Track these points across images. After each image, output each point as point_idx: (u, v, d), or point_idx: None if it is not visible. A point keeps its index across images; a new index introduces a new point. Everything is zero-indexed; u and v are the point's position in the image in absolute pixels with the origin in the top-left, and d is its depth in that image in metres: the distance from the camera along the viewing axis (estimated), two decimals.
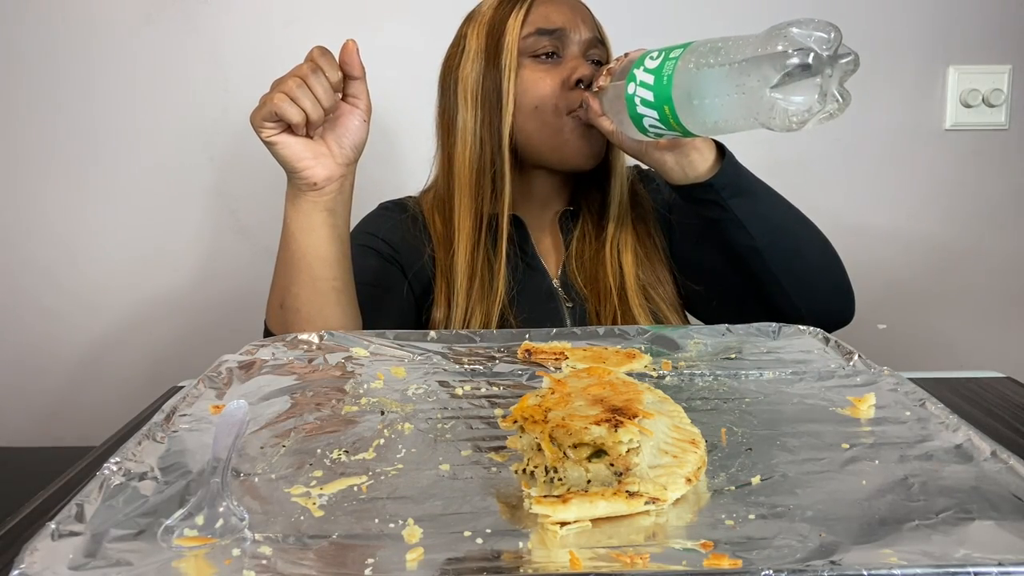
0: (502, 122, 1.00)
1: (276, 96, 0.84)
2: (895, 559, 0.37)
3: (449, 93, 1.05)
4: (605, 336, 0.79)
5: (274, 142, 0.87)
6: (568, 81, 0.99)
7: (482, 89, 1.01)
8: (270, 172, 1.58)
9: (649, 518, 0.43)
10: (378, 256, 1.03)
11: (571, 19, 1.01)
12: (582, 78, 0.98)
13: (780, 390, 0.64)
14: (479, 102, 1.02)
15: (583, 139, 1.00)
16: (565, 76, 0.99)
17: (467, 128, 1.02)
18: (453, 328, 0.97)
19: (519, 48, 1.00)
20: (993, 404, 0.76)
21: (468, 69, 1.02)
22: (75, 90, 1.50)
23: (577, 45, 1.01)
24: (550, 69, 1.00)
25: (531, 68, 1.00)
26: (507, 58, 1.00)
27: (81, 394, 1.58)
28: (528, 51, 1.00)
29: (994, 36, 1.54)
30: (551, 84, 0.99)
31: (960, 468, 0.48)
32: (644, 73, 0.83)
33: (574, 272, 1.06)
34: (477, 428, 0.57)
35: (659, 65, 0.82)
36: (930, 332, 1.63)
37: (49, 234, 1.54)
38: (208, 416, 0.58)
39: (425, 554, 0.39)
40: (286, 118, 0.84)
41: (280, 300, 0.91)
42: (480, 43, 1.02)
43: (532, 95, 1.00)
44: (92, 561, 0.38)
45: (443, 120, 1.06)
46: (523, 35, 1.00)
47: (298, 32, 1.51)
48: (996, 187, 1.59)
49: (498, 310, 0.98)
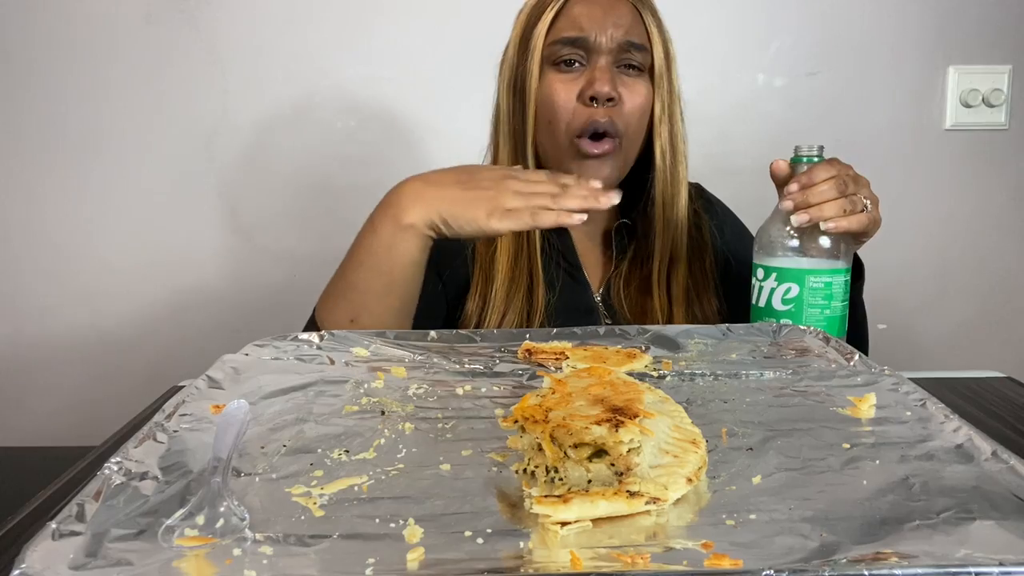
0: (526, 130, 0.98)
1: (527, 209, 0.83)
2: (896, 559, 0.37)
3: (498, 86, 1.03)
4: (605, 336, 0.79)
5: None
6: (583, 95, 0.95)
7: (512, 90, 0.99)
8: (270, 172, 1.59)
9: (650, 518, 0.43)
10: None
11: (601, 22, 0.95)
12: (596, 95, 0.94)
13: (781, 390, 0.64)
14: (510, 102, 1.00)
15: (585, 172, 0.95)
16: (582, 89, 0.95)
17: (502, 128, 1.01)
18: (485, 324, 0.97)
19: (542, 55, 0.96)
20: (993, 404, 0.76)
21: (506, 65, 1.01)
22: (75, 90, 1.50)
23: (605, 53, 0.95)
24: (569, 80, 0.96)
25: (551, 76, 0.97)
26: (531, 62, 0.97)
27: (81, 394, 1.58)
28: (551, 58, 0.97)
29: (994, 36, 1.54)
30: (567, 97, 0.96)
31: (961, 468, 0.48)
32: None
33: (619, 294, 1.02)
34: (478, 428, 0.57)
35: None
36: (930, 332, 1.63)
37: (49, 234, 1.54)
38: (209, 416, 0.58)
39: (426, 554, 0.39)
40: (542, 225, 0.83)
41: (352, 316, 0.88)
42: (516, 37, 0.99)
43: (548, 107, 0.97)
44: (93, 561, 0.38)
45: (495, 111, 1.04)
46: (548, 41, 0.96)
47: (298, 32, 1.51)
48: (996, 187, 1.59)
49: (538, 320, 0.97)
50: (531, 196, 0.83)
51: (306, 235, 1.56)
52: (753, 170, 0.97)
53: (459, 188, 0.84)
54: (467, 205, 0.83)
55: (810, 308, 0.85)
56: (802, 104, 1.55)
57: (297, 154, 1.54)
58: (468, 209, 0.83)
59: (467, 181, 0.85)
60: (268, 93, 1.52)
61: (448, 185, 0.85)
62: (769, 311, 0.87)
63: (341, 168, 1.55)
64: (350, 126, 1.54)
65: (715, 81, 1.56)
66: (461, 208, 0.83)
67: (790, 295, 0.85)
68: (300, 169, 1.55)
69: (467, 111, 1.46)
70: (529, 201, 0.82)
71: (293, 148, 1.54)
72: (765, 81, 1.56)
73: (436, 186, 0.85)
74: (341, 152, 1.55)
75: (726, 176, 1.28)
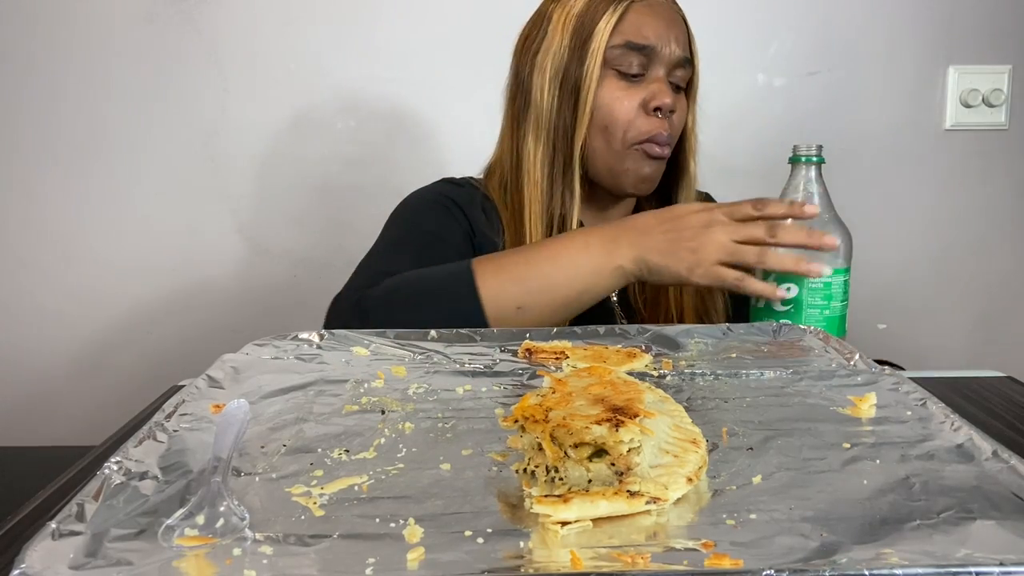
0: (576, 132, 0.97)
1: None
2: (896, 559, 0.37)
3: (523, 76, 1.00)
4: (606, 335, 0.79)
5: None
6: (647, 106, 0.96)
7: (560, 88, 0.97)
8: (270, 172, 1.59)
9: (650, 518, 0.43)
10: (464, 234, 1.01)
11: (664, 35, 0.96)
12: (661, 106, 0.95)
13: (781, 389, 0.64)
14: (556, 100, 0.97)
15: (642, 173, 0.98)
16: (644, 99, 0.96)
17: (540, 124, 0.98)
18: None
19: (604, 58, 0.95)
20: (993, 404, 0.76)
21: (549, 59, 0.97)
22: (75, 90, 1.50)
23: (664, 66, 0.96)
24: (630, 88, 0.96)
25: (612, 83, 0.96)
26: (591, 65, 0.95)
27: (81, 394, 1.58)
28: (613, 63, 0.96)
29: (994, 36, 1.54)
30: (628, 106, 0.96)
31: (961, 468, 0.48)
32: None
33: (635, 290, 1.03)
34: (478, 427, 0.57)
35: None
36: (930, 332, 1.63)
37: (49, 234, 1.54)
38: (209, 415, 0.58)
39: (426, 554, 0.39)
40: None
41: (521, 305, 0.85)
42: (566, 34, 0.96)
43: (606, 113, 0.96)
44: (93, 561, 0.38)
45: (513, 104, 1.02)
46: (611, 44, 0.95)
47: (297, 32, 1.51)
48: (996, 187, 1.59)
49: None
50: (737, 250, 0.82)
51: (306, 235, 1.56)
52: (753, 170, 0.97)
53: (664, 237, 0.84)
54: (670, 258, 0.83)
55: (809, 308, 0.85)
56: (802, 104, 1.56)
57: (297, 154, 1.54)
58: (671, 262, 0.83)
59: (671, 229, 0.84)
60: (268, 93, 1.52)
61: (654, 233, 0.84)
62: (768, 312, 0.87)
63: (341, 168, 1.55)
64: (350, 126, 1.54)
65: (715, 81, 1.55)
66: (664, 260, 0.83)
67: (789, 296, 0.86)
68: (300, 169, 1.55)
69: (468, 111, 1.46)
70: (734, 253, 0.82)
71: (293, 148, 1.54)
72: (765, 81, 1.56)
73: (646, 234, 0.84)
74: (341, 152, 1.55)
75: (726, 176, 1.28)
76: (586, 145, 0.98)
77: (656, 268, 0.84)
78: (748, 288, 0.83)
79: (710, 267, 0.82)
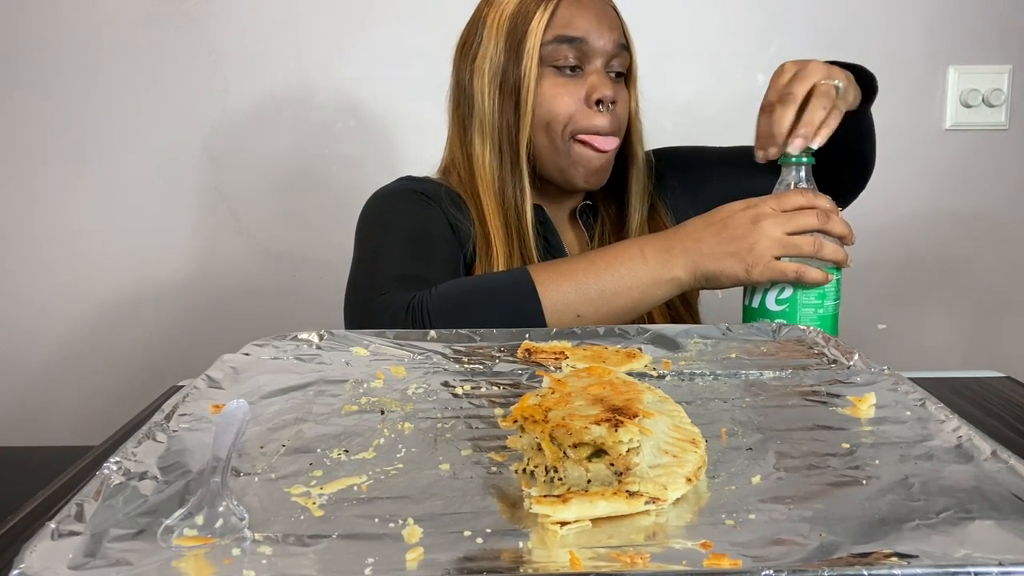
0: (520, 132, 0.97)
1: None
2: (895, 559, 0.37)
3: (464, 81, 1.02)
4: (605, 335, 0.79)
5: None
6: (588, 99, 0.96)
7: (500, 90, 0.98)
8: (270, 172, 1.59)
9: (649, 518, 0.43)
10: (446, 225, 1.01)
11: (596, 25, 0.97)
12: (602, 99, 0.96)
13: (781, 389, 0.64)
14: (497, 103, 0.98)
15: (591, 167, 0.99)
16: (586, 93, 0.97)
17: (485, 127, 0.99)
18: None
19: (540, 56, 0.96)
20: (993, 404, 0.76)
21: (487, 63, 0.98)
22: (75, 89, 1.50)
23: (600, 56, 0.97)
24: (568, 83, 0.97)
25: (551, 80, 0.97)
26: (528, 64, 0.96)
27: (80, 394, 1.58)
28: (549, 60, 0.96)
29: (994, 36, 1.54)
30: (568, 102, 0.96)
31: (960, 468, 0.48)
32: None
33: None
34: (477, 428, 0.57)
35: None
36: (930, 332, 1.63)
37: (49, 234, 1.54)
38: (208, 415, 0.58)
39: (425, 554, 0.39)
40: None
41: (581, 314, 0.86)
42: (501, 36, 0.98)
43: (547, 110, 0.97)
44: (92, 561, 0.38)
45: (458, 110, 1.03)
46: (545, 40, 0.96)
47: (298, 32, 1.51)
48: (996, 187, 1.59)
49: None
50: (792, 242, 0.82)
51: (306, 235, 1.56)
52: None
53: (715, 240, 0.84)
54: (725, 262, 0.83)
55: (804, 308, 0.85)
56: None
57: (297, 154, 1.55)
58: (727, 266, 0.83)
59: (721, 230, 0.84)
60: (268, 93, 1.52)
61: (706, 239, 0.84)
62: (763, 312, 0.87)
63: (341, 168, 1.55)
64: (350, 126, 1.54)
65: (715, 81, 1.56)
66: (719, 265, 0.83)
67: (784, 295, 0.86)
68: (300, 169, 1.55)
69: None
70: (789, 246, 0.82)
71: (293, 148, 1.54)
72: (765, 81, 1.55)
73: (699, 241, 0.84)
74: (341, 152, 1.55)
75: None
76: (532, 143, 0.99)
77: (712, 274, 0.84)
78: (808, 278, 0.83)
79: (768, 264, 0.82)
